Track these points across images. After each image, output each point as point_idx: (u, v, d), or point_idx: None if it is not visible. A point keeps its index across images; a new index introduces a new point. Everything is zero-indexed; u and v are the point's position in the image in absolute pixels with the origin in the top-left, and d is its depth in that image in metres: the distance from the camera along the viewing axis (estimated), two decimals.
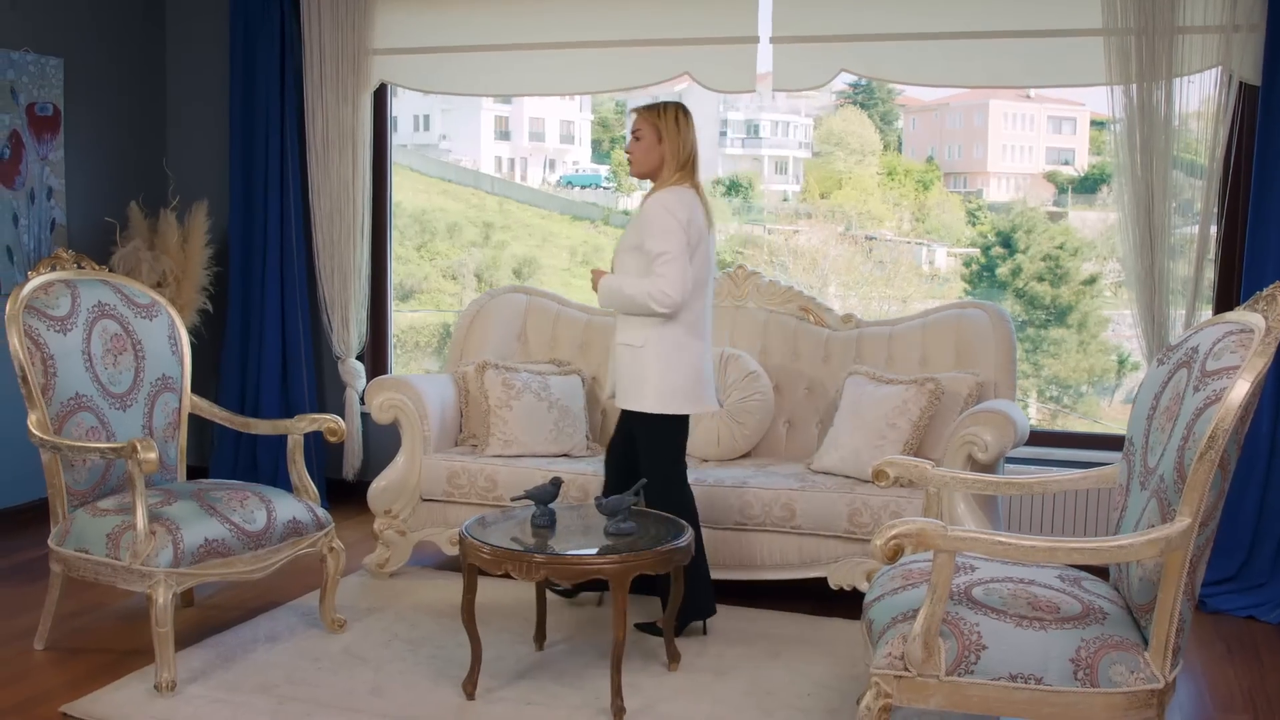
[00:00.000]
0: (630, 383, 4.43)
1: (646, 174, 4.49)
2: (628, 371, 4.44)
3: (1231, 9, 4.98)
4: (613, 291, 4.41)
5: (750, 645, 4.46)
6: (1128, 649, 2.95)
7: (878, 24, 5.56)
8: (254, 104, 6.40)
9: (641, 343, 4.40)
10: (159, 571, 3.95)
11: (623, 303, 4.40)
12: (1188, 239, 5.19)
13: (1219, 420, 2.83)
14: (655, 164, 4.45)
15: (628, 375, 4.44)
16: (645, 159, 4.46)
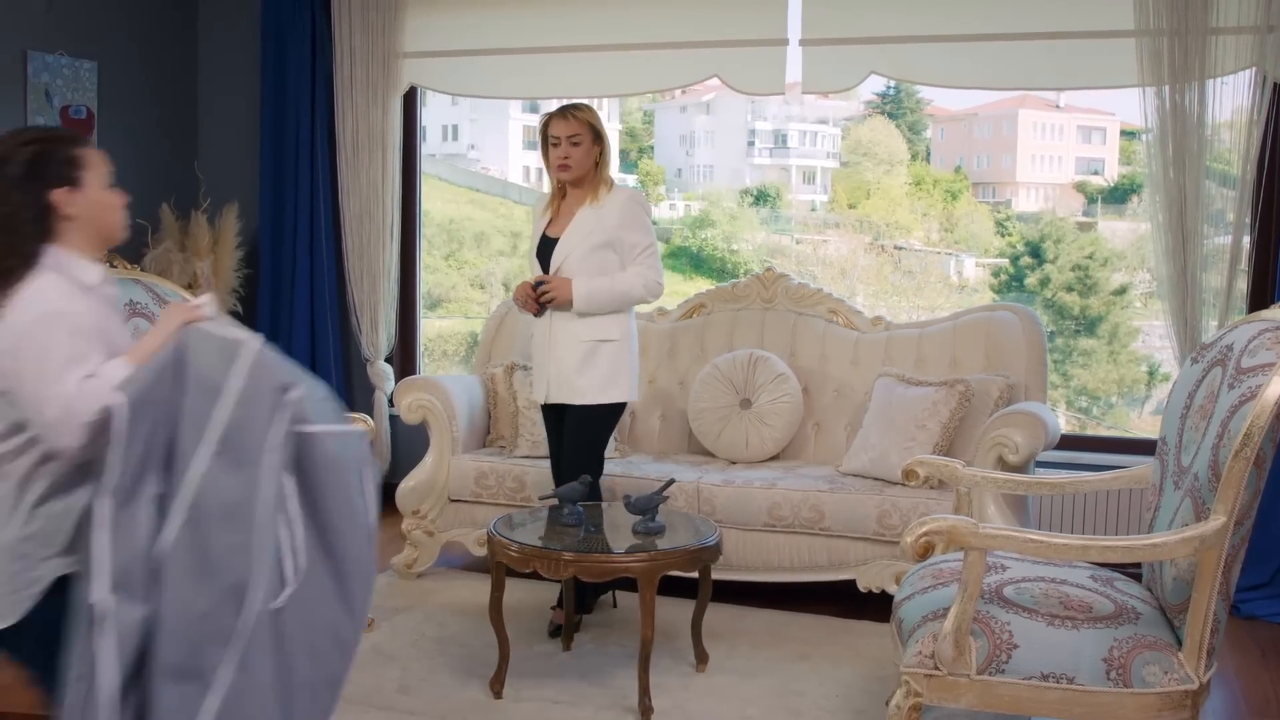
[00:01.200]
0: (604, 377, 4.51)
1: (583, 177, 4.52)
2: (605, 366, 4.51)
3: (1266, 9, 4.94)
4: (598, 291, 4.47)
5: (778, 647, 4.45)
6: (1161, 649, 2.92)
7: (907, 26, 5.54)
8: (284, 107, 6.44)
9: (619, 336, 4.54)
10: None
11: (612, 300, 4.49)
12: (1220, 248, 5.14)
13: (1254, 417, 2.79)
14: (592, 165, 4.51)
15: (603, 370, 4.51)
16: (585, 161, 4.50)
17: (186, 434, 2.35)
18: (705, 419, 5.38)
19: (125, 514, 2.30)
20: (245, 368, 2.41)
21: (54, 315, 2.42)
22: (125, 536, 2.30)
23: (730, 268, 10.83)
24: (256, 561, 2.32)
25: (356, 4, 6.27)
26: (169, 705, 2.24)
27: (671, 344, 5.70)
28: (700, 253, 10.91)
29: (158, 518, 2.33)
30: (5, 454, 2.45)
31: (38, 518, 2.46)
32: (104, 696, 2.24)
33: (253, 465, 2.36)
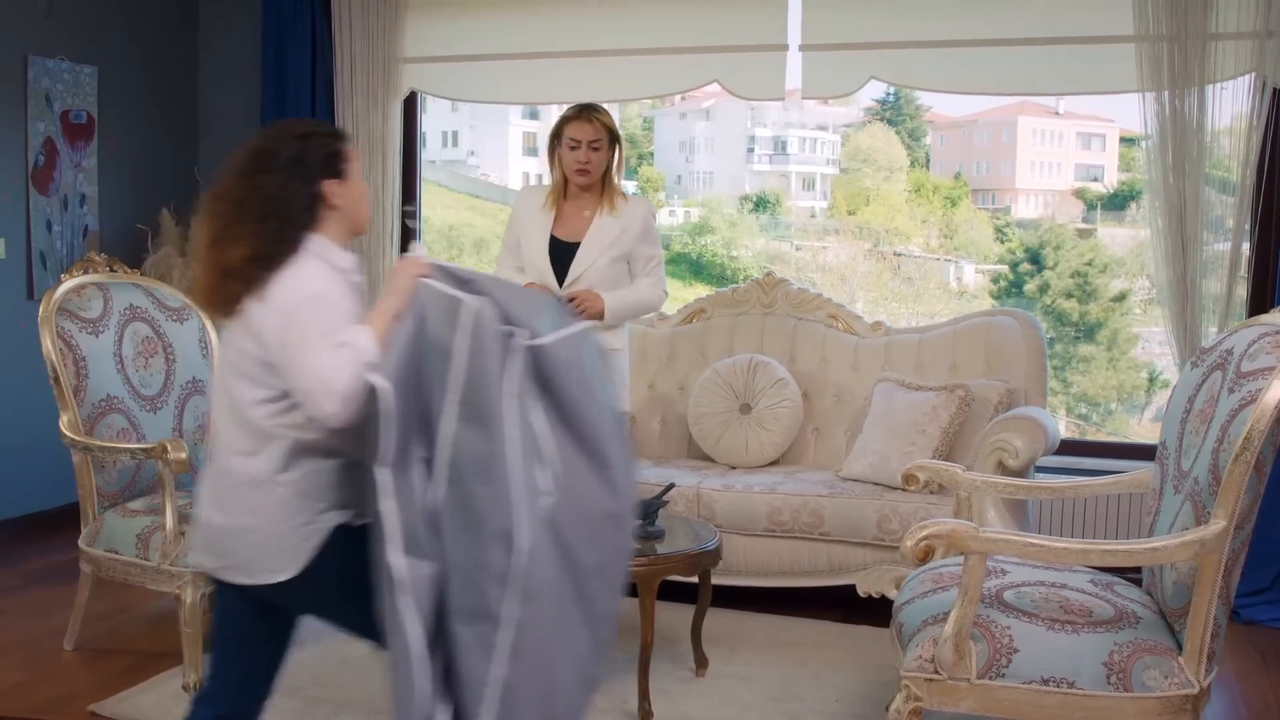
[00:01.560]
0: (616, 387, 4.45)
1: (595, 183, 4.43)
2: (616, 377, 4.44)
3: (1265, 15, 4.94)
4: (624, 305, 4.42)
5: (778, 652, 4.44)
6: (1162, 653, 2.91)
7: (907, 31, 5.54)
8: (285, 112, 6.44)
9: (623, 346, 4.52)
10: (187, 572, 3.96)
11: (633, 313, 4.49)
12: (1219, 254, 5.14)
13: (1255, 421, 2.79)
14: (605, 171, 4.44)
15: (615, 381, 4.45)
16: (602, 166, 4.42)
17: (435, 396, 2.50)
18: (705, 424, 5.38)
19: (402, 481, 2.46)
20: (468, 329, 2.52)
21: (316, 297, 2.56)
22: (406, 501, 2.46)
23: (730, 274, 10.83)
24: (516, 507, 2.45)
25: (356, 9, 6.27)
26: (468, 644, 2.45)
27: (671, 349, 5.70)
28: (700, 259, 10.91)
29: (427, 478, 2.49)
30: (275, 415, 2.60)
31: (310, 474, 2.63)
32: (414, 648, 2.44)
33: (495, 418, 2.48)
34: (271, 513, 2.62)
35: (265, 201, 2.62)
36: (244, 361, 2.61)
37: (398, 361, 2.47)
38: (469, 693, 2.46)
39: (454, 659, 2.48)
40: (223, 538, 2.67)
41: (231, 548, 2.66)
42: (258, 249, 2.59)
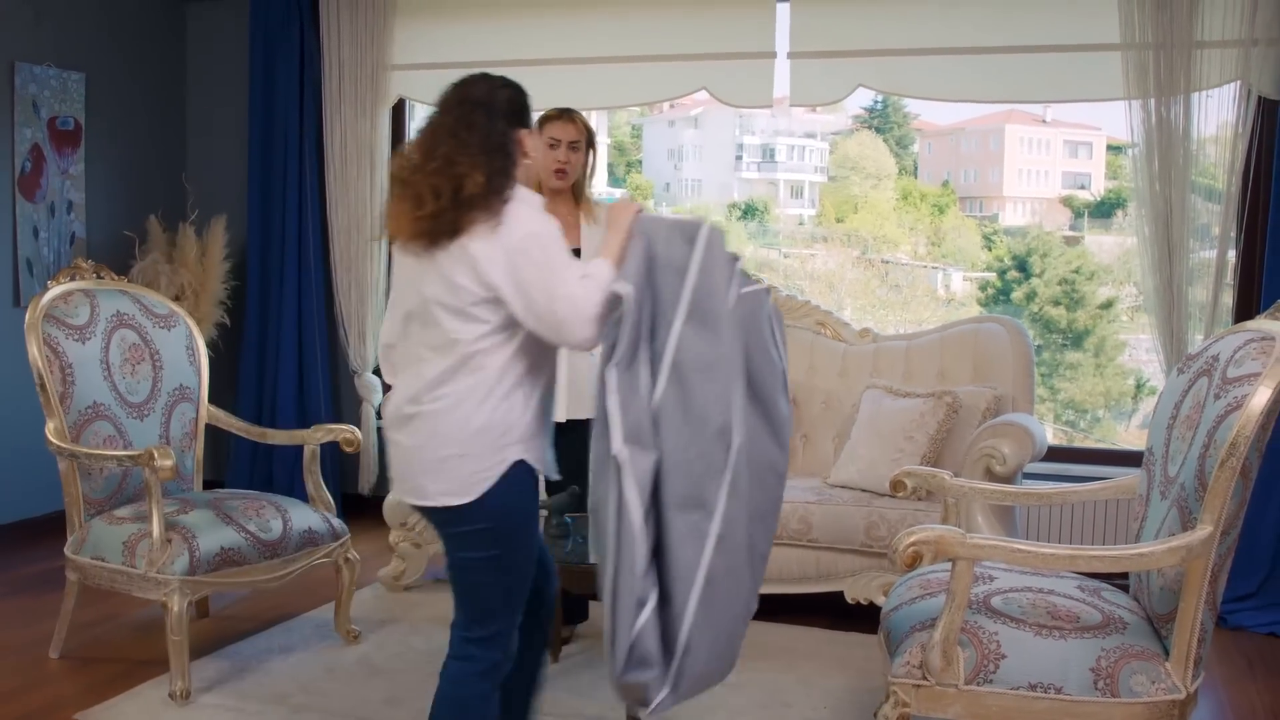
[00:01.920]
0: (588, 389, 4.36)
1: (568, 187, 4.36)
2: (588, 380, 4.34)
3: (1250, 23, 4.96)
4: None
5: (766, 659, 4.44)
6: (1149, 659, 2.92)
7: (895, 39, 5.56)
8: (273, 119, 6.44)
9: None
10: (174, 579, 3.95)
11: None
12: (1205, 262, 5.17)
13: (1240, 427, 2.80)
14: (580, 175, 4.38)
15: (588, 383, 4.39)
16: (579, 168, 4.36)
17: (662, 306, 2.74)
18: None
19: (628, 378, 2.69)
20: (703, 243, 2.77)
21: (545, 234, 2.78)
22: (630, 398, 2.69)
23: None
24: (733, 406, 2.71)
25: (345, 16, 6.28)
26: (681, 530, 2.68)
27: None
28: None
29: (650, 379, 2.72)
30: (488, 349, 2.79)
31: (503, 408, 2.81)
32: (635, 527, 2.65)
33: (719, 324, 2.73)
34: (471, 441, 2.79)
35: (486, 139, 2.81)
36: (458, 301, 2.77)
37: (637, 277, 2.74)
38: (679, 579, 2.69)
39: (667, 548, 2.69)
40: (421, 464, 2.83)
41: (427, 472, 2.83)
42: (490, 181, 2.77)
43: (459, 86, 2.90)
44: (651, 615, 2.69)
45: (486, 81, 2.90)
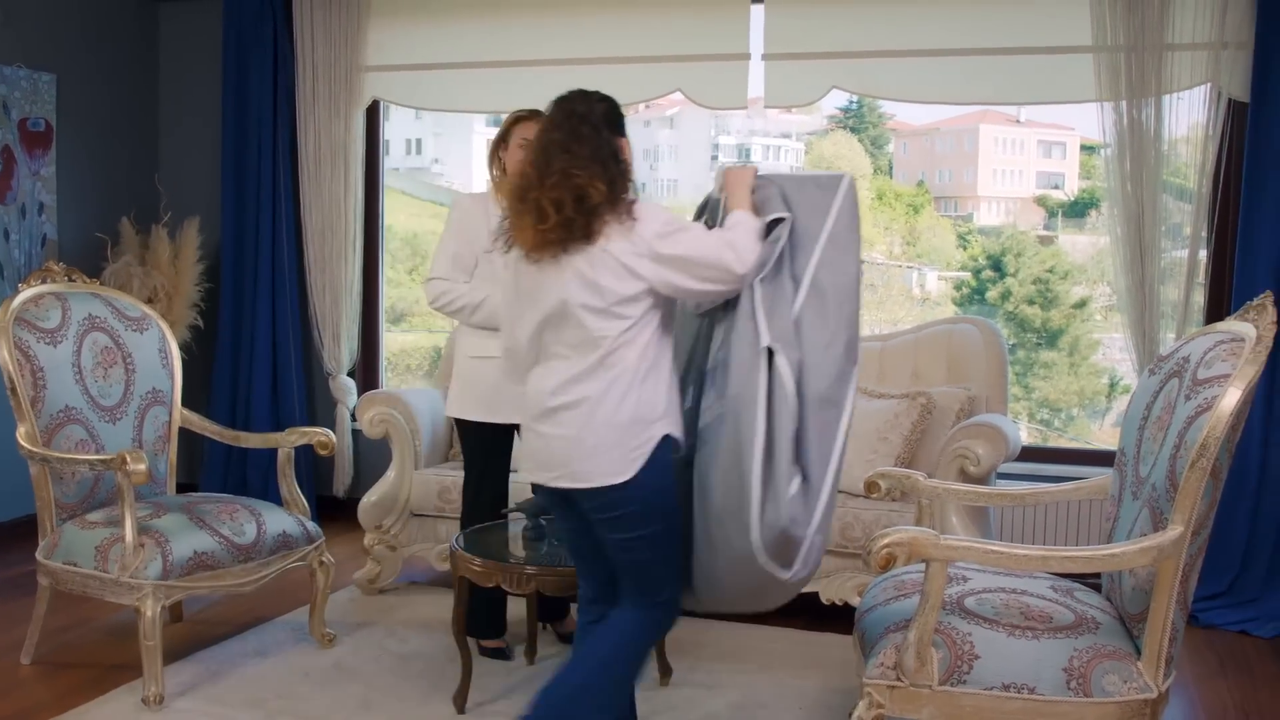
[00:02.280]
0: None
1: None
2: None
3: (1220, 26, 5.01)
4: None
5: (742, 660, 4.45)
6: (1121, 658, 2.94)
7: (870, 41, 5.58)
8: (246, 120, 6.41)
9: None
10: (147, 584, 3.93)
11: None
12: (1177, 261, 5.21)
13: (1210, 428, 2.82)
14: None
15: None
16: None
17: (800, 238, 3.16)
18: None
19: (773, 289, 3.10)
20: (844, 190, 3.20)
21: (671, 218, 3.08)
22: (774, 306, 3.08)
23: None
24: (858, 325, 3.15)
25: (319, 17, 6.25)
26: (819, 427, 3.05)
27: None
28: None
29: (793, 292, 3.11)
30: (627, 342, 3.03)
31: (647, 391, 3.05)
32: (790, 400, 3.01)
33: (853, 253, 3.18)
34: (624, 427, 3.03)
35: (596, 149, 3.05)
36: (603, 301, 3.01)
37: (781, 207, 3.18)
38: (815, 465, 3.08)
39: (807, 440, 3.06)
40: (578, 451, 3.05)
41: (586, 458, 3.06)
42: (611, 188, 3.02)
43: (561, 104, 3.16)
44: (800, 486, 3.05)
45: (584, 97, 3.17)
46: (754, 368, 3.03)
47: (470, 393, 4.34)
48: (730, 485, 3.02)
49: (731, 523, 3.02)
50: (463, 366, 4.39)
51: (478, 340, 4.33)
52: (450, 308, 4.33)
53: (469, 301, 4.30)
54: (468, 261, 4.34)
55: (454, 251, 4.34)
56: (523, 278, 3.15)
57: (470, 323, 4.33)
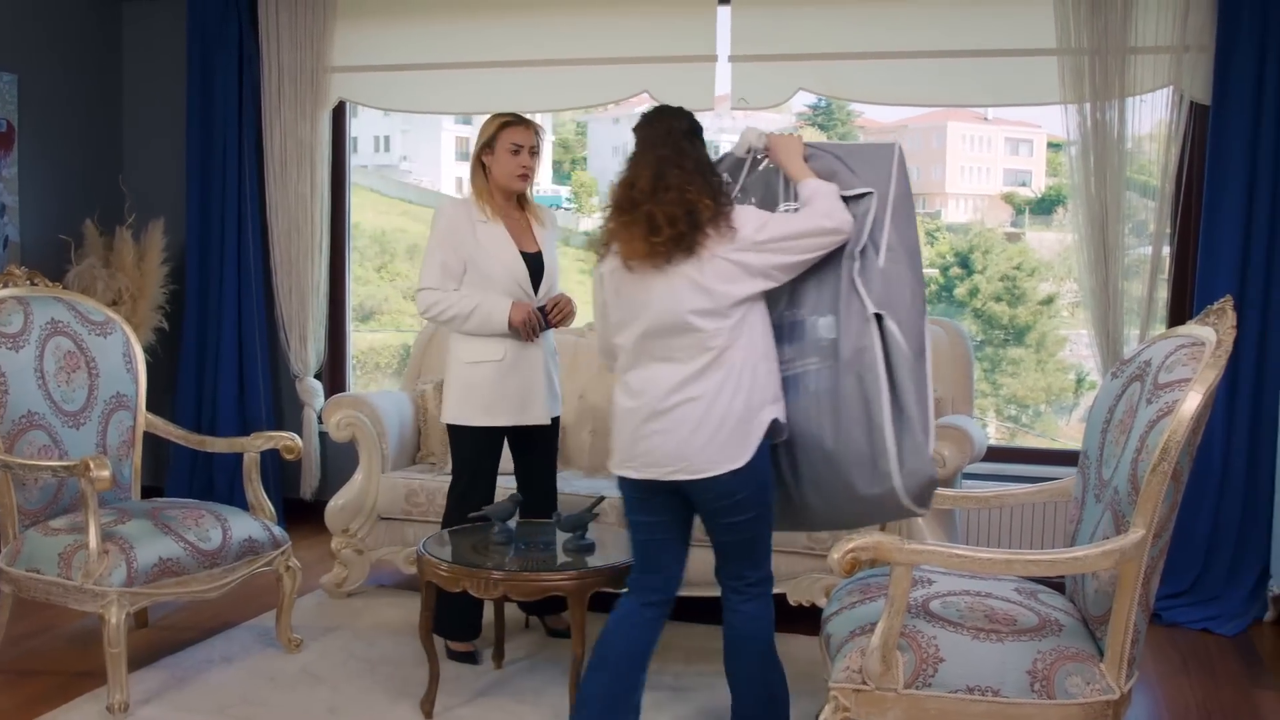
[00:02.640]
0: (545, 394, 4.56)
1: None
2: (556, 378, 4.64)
3: (1182, 30, 5.06)
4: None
5: (709, 662, 4.44)
6: (1084, 660, 2.96)
7: (836, 43, 5.60)
8: (211, 121, 6.37)
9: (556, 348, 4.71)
10: (112, 591, 3.91)
11: None
12: (1142, 259, 5.26)
13: (1171, 432, 2.85)
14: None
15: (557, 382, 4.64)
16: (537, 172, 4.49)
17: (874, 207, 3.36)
18: None
19: (862, 259, 3.33)
20: (898, 158, 3.41)
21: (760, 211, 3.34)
22: (868, 274, 3.31)
23: None
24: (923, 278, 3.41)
25: (285, 18, 6.22)
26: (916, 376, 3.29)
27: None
28: None
29: (874, 256, 3.33)
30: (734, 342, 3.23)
31: (756, 384, 3.25)
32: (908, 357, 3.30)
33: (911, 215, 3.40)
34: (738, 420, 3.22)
35: (699, 163, 3.27)
36: (717, 304, 3.21)
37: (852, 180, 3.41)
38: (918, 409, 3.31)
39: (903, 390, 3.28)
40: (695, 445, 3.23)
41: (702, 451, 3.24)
42: (716, 202, 3.23)
43: (658, 120, 3.34)
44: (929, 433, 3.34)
45: (677, 113, 3.38)
46: (863, 333, 3.27)
47: (469, 398, 4.39)
48: (856, 439, 3.26)
49: (861, 471, 3.25)
50: (459, 373, 4.42)
51: (472, 346, 4.38)
52: (442, 317, 4.36)
53: (460, 310, 4.32)
54: (456, 269, 4.36)
55: (442, 260, 4.36)
56: (624, 285, 3.31)
57: (463, 330, 4.37)
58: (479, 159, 4.41)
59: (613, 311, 3.39)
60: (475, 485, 4.44)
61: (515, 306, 4.31)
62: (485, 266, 4.34)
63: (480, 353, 4.34)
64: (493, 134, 4.35)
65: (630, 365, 3.36)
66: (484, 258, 4.34)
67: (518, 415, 4.43)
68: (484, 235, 4.36)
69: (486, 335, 4.34)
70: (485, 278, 4.35)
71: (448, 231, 4.37)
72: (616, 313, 3.37)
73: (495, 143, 4.35)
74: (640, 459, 3.32)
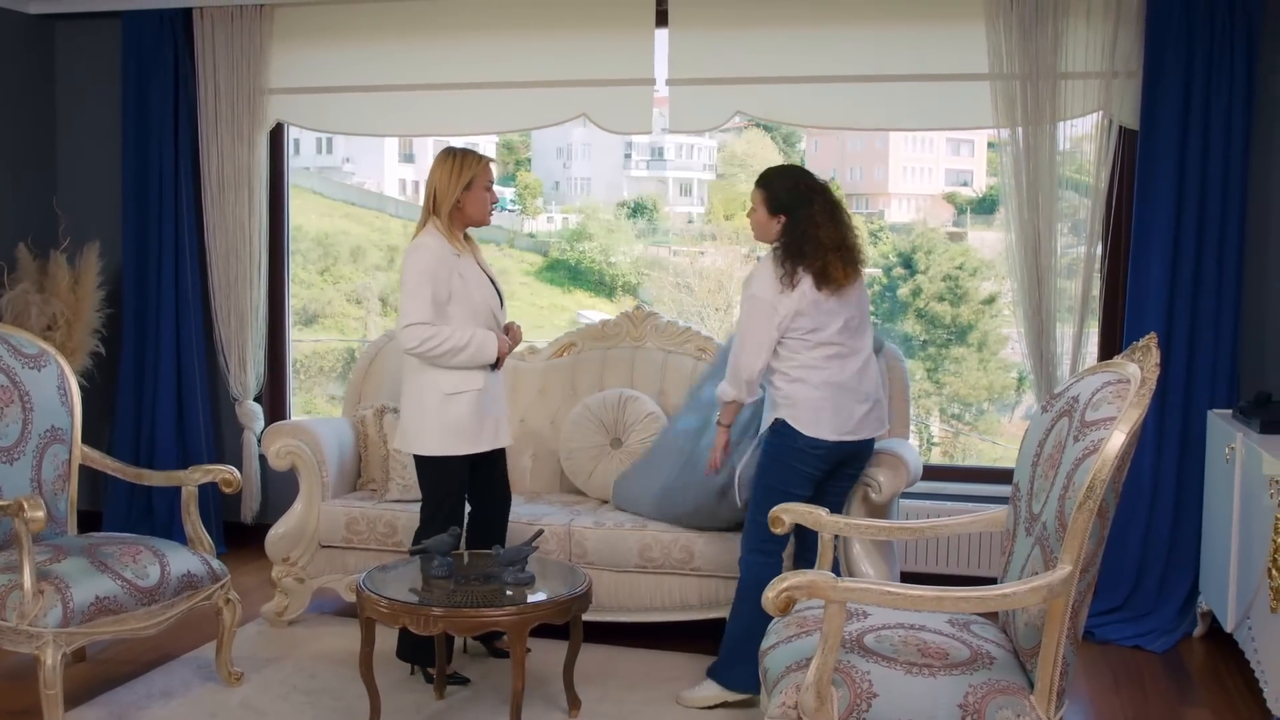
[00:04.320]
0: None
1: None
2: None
3: (1110, 56, 5.15)
4: None
5: (651, 688, 4.48)
6: (1014, 693, 3.01)
7: (773, 67, 5.63)
8: (147, 143, 6.30)
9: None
10: (47, 632, 3.87)
11: None
12: (1077, 259, 5.35)
13: (1096, 471, 2.90)
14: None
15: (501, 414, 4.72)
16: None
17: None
18: (576, 459, 5.40)
19: None
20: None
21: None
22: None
23: (608, 280, 10.85)
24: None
25: (220, 39, 6.17)
26: None
27: (542, 383, 5.71)
28: (578, 265, 10.92)
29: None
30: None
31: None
32: None
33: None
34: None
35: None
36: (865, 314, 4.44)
37: None
38: None
39: None
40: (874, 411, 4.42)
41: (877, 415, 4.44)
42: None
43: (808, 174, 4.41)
44: None
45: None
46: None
47: (452, 429, 4.45)
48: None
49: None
50: (438, 404, 4.44)
51: (452, 377, 4.44)
52: (435, 351, 4.37)
53: (455, 344, 4.38)
54: (442, 302, 4.42)
55: (430, 294, 4.39)
56: (823, 302, 4.25)
57: (453, 363, 4.41)
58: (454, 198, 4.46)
59: (818, 318, 4.26)
60: (455, 512, 4.50)
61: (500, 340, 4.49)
62: (471, 298, 4.45)
63: (462, 383, 4.43)
64: (475, 175, 4.46)
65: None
66: (469, 289, 4.45)
67: (493, 440, 4.57)
68: (464, 268, 4.47)
69: (471, 368, 4.43)
70: (470, 308, 4.45)
71: (436, 266, 4.41)
72: (821, 319, 4.27)
73: (474, 183, 4.46)
74: (841, 426, 4.30)
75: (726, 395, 4.40)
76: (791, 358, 4.29)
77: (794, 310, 4.23)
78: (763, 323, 4.25)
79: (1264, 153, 5.22)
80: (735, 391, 4.36)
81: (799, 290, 4.22)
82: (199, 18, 6.19)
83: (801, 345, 4.27)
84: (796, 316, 4.23)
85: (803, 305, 4.22)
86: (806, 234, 4.25)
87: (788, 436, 4.28)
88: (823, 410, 4.26)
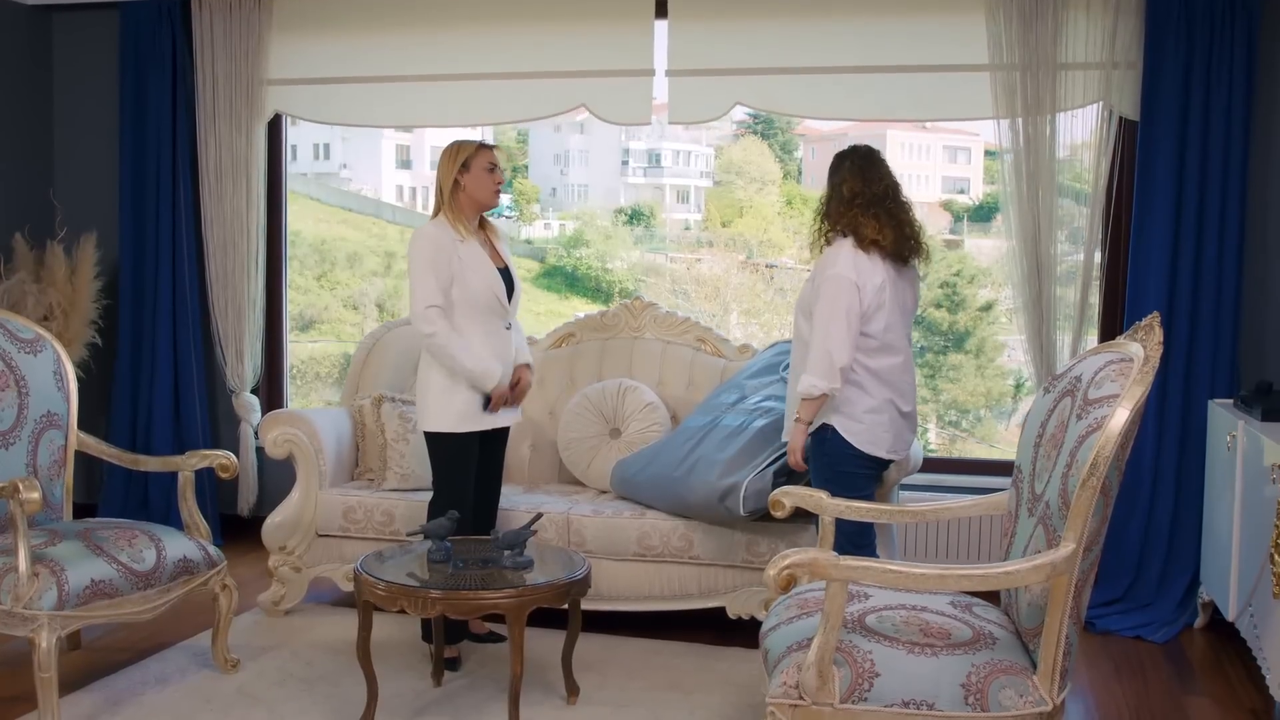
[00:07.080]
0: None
1: None
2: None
3: (1110, 47, 5.15)
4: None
5: (649, 676, 4.46)
6: (1017, 673, 3.00)
7: (773, 58, 5.63)
8: (145, 134, 6.29)
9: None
10: (42, 614, 3.84)
11: None
12: (1074, 266, 5.34)
13: (1100, 448, 2.89)
14: None
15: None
16: None
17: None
18: (575, 449, 5.39)
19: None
20: None
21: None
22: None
23: (605, 287, 10.84)
24: None
25: (219, 30, 6.16)
26: None
27: (541, 374, 5.69)
28: (575, 272, 10.90)
29: None
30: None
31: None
32: None
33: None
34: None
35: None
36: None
37: None
38: None
39: None
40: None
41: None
42: None
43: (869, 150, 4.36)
44: None
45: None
46: None
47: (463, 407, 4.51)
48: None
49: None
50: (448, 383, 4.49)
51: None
52: (444, 350, 4.43)
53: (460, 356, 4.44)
54: (446, 287, 4.45)
55: (435, 279, 4.43)
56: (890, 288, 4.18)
57: (449, 367, 4.46)
58: (455, 181, 4.49)
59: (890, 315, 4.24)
60: (466, 493, 4.56)
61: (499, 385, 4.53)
62: (470, 284, 4.45)
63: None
64: (470, 156, 4.48)
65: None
66: (469, 275, 4.45)
67: (503, 417, 4.64)
68: (465, 254, 4.47)
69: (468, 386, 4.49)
70: (470, 295, 4.46)
71: (435, 252, 4.44)
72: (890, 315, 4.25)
73: (471, 164, 4.48)
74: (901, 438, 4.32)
75: (816, 390, 4.11)
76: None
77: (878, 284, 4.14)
78: (846, 300, 4.10)
79: (1264, 143, 5.22)
80: (826, 383, 4.08)
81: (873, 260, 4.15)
82: (197, 8, 6.18)
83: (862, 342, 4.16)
84: (877, 293, 4.14)
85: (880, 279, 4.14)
86: (836, 193, 4.26)
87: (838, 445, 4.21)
88: (879, 427, 4.21)
